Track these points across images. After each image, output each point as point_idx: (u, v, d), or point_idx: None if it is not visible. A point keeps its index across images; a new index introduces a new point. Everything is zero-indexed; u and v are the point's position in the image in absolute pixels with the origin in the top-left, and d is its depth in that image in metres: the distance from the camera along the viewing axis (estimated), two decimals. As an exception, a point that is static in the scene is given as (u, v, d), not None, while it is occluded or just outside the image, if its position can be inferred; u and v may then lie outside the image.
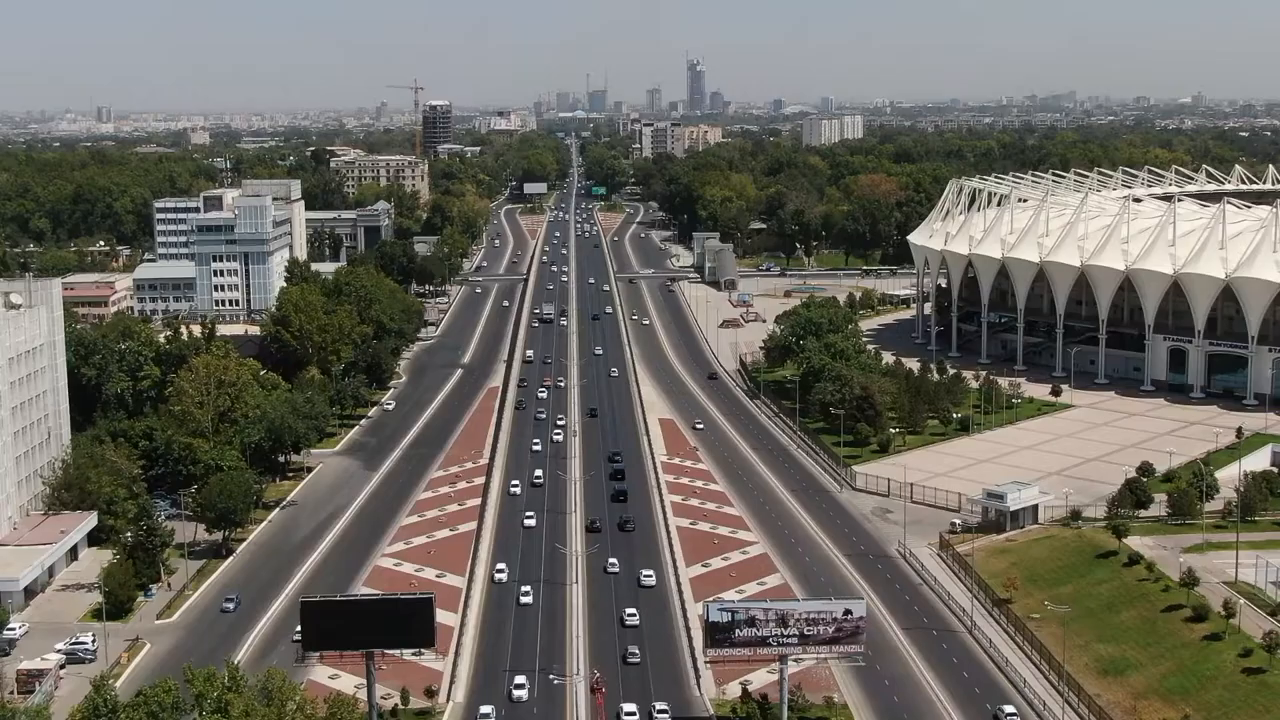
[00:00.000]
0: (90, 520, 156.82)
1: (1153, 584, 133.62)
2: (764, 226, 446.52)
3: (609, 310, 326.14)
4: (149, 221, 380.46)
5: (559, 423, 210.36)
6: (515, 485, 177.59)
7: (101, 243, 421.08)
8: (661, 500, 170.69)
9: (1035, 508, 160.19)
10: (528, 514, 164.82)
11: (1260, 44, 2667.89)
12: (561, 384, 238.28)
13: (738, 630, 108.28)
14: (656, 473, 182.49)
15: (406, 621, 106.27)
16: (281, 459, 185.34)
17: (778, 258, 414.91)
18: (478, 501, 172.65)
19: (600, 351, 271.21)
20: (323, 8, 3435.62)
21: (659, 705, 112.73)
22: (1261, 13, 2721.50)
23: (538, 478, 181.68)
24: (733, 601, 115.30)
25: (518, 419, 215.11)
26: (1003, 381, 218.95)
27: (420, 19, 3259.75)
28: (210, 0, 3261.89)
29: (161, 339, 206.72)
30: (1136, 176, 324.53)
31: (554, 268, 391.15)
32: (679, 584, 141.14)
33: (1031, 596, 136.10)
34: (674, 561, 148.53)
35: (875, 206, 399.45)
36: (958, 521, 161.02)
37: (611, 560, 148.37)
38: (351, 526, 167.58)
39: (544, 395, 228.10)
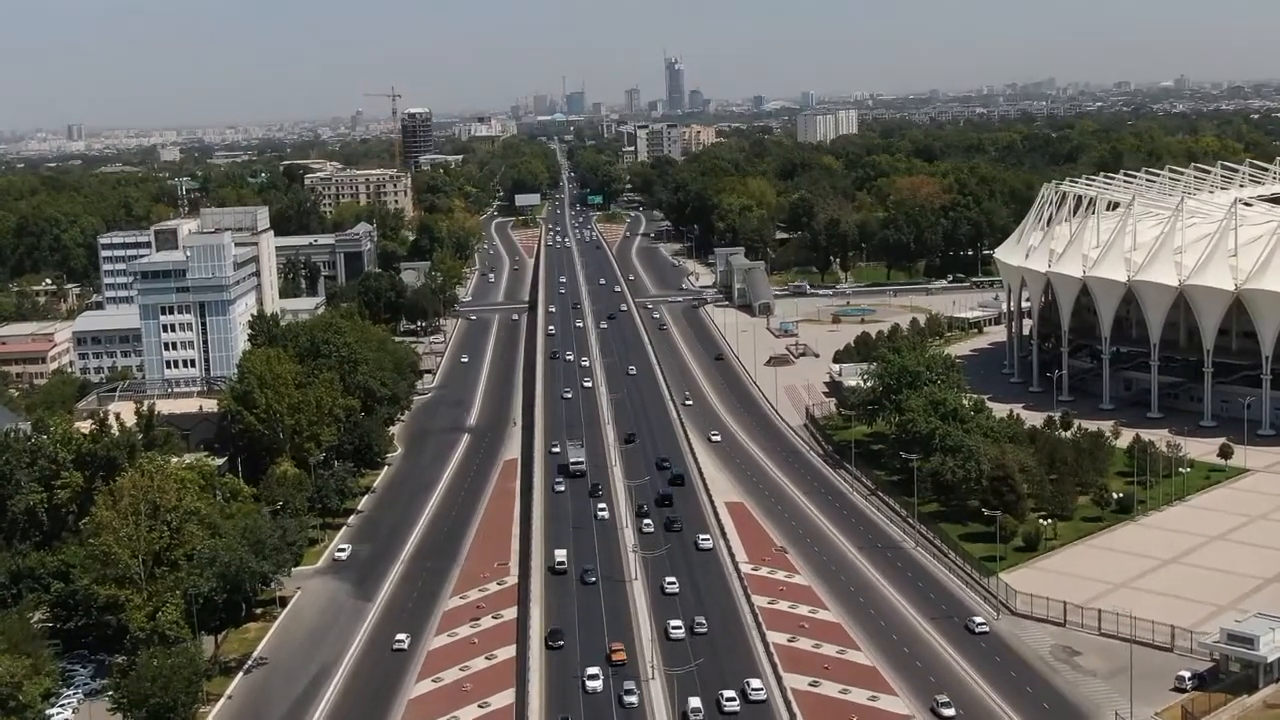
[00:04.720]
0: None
1: None
2: (788, 238, 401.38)
3: (624, 309, 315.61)
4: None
5: None
6: None
7: (48, 281, 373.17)
8: (764, 642, 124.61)
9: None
10: None
11: (1237, 25, 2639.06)
12: (632, 676, 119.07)
13: None
14: (753, 610, 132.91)
15: None
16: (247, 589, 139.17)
17: (809, 273, 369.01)
18: (510, 651, 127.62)
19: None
20: (290, 16, 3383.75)
21: None
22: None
23: None
24: None
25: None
26: (1158, 440, 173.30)
27: (390, 24, 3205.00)
28: (181, 13, 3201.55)
29: (85, 431, 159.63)
30: (1237, 172, 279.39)
31: (568, 356, 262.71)
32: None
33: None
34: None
35: (919, 213, 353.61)
36: (1186, 674, 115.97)
37: None
38: (343, 701, 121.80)
39: (596, 685, 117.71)
